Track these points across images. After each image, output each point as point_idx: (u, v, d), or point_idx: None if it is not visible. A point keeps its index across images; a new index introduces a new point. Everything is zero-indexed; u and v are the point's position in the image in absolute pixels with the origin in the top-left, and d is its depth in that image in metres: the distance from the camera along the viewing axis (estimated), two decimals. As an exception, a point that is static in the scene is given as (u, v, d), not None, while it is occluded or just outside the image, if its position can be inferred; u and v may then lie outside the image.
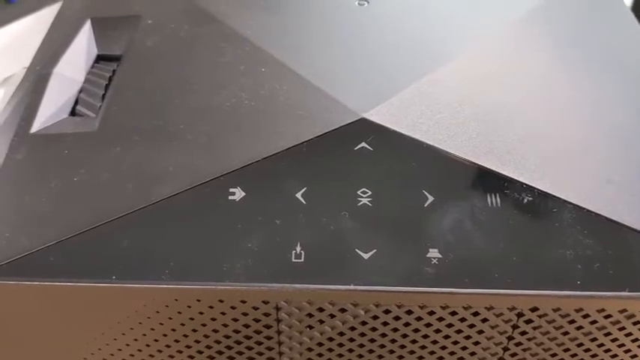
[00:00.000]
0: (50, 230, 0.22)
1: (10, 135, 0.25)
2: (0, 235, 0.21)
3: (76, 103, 0.28)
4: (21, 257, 0.21)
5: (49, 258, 0.21)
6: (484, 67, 0.27)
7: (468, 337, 0.22)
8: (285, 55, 0.27)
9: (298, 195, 0.22)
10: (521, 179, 0.22)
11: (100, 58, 0.30)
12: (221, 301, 0.21)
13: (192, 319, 0.21)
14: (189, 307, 0.21)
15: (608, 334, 0.21)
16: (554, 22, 0.30)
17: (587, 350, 0.22)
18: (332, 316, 0.21)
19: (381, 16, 0.30)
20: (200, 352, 0.23)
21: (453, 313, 0.21)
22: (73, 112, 0.27)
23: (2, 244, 0.21)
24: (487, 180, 0.23)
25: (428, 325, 0.21)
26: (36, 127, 0.26)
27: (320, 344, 0.22)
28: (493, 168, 0.23)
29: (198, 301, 0.21)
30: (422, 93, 0.25)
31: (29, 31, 0.35)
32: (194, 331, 0.22)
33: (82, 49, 0.30)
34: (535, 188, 0.22)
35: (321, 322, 0.21)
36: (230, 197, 0.22)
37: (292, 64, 0.27)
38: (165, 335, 0.22)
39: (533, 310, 0.21)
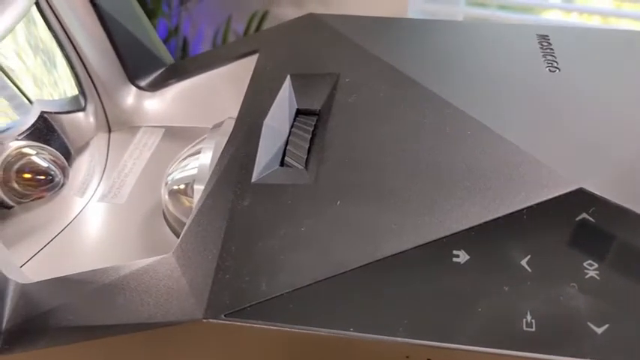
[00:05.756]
0: (285, 277, 0.23)
1: (233, 182, 0.27)
2: (240, 279, 0.23)
3: (283, 154, 0.30)
4: (262, 302, 0.22)
5: (289, 305, 0.22)
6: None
7: None
8: (487, 119, 0.28)
9: (523, 262, 0.23)
10: None
11: (299, 112, 0.32)
12: (451, 362, 0.21)
13: (415, 376, 0.22)
14: (416, 364, 0.22)
15: None
16: None
17: None
18: (560, 388, 0.21)
19: (576, 82, 0.31)
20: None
21: (690, 398, 0.20)
22: (281, 163, 0.29)
23: (243, 288, 0.23)
24: None
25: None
26: (255, 176, 0.28)
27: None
28: None
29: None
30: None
31: (224, 81, 0.38)
32: (413, 388, 0.23)
33: (284, 102, 0.32)
34: None
35: (547, 393, 0.21)
36: (455, 259, 0.23)
37: (497, 129, 0.27)
38: (382, 390, 0.23)
39: None
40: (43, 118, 0.34)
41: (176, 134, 0.40)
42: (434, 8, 1.20)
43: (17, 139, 0.32)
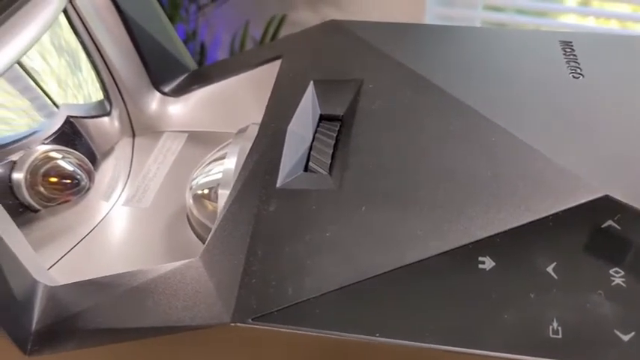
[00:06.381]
0: (312, 282, 0.23)
1: (258, 187, 0.28)
2: (267, 283, 0.23)
3: (307, 159, 0.30)
4: (288, 306, 0.23)
5: (315, 309, 0.22)
6: None
7: None
8: (512, 125, 0.28)
9: (549, 269, 0.23)
10: None
11: (322, 118, 0.32)
12: (478, 368, 0.21)
13: (439, 383, 0.22)
14: (442, 370, 0.22)
15: None
16: None
17: None
18: (586, 395, 0.21)
19: (600, 89, 0.31)
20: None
21: None
22: (305, 168, 0.29)
23: (270, 292, 0.23)
24: None
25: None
26: (279, 181, 0.28)
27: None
28: None
29: (454, 366, 0.22)
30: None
31: (248, 86, 0.38)
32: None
33: (308, 108, 0.32)
34: None
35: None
36: (480, 266, 0.23)
37: (522, 136, 0.28)
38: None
39: None
40: (69, 123, 0.35)
41: (199, 139, 0.40)
42: (451, 13, 1.20)
43: (44, 143, 0.33)
